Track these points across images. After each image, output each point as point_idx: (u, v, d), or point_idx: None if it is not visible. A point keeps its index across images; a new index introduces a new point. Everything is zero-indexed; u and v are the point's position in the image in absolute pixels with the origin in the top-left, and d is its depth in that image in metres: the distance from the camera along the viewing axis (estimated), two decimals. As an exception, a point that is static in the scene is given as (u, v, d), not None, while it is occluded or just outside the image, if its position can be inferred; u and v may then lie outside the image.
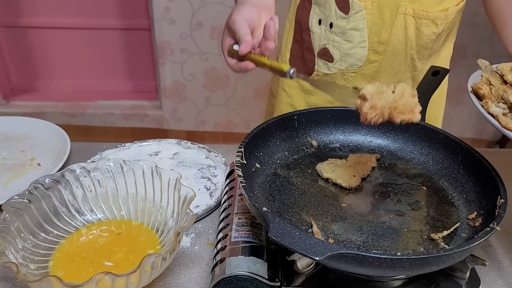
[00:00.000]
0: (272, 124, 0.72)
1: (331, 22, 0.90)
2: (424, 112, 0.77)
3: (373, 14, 0.87)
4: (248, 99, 2.42)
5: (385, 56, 0.91)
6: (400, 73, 0.94)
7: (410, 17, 0.86)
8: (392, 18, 0.87)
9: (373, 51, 0.90)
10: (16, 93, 2.52)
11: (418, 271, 0.51)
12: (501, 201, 0.57)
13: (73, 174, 0.66)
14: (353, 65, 0.93)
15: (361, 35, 0.89)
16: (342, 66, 0.93)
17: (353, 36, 0.89)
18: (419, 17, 0.86)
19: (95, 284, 0.49)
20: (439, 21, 0.87)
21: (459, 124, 2.36)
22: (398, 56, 0.91)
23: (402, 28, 0.87)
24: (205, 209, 0.74)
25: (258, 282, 0.55)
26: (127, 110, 2.47)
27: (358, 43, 0.90)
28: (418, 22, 0.87)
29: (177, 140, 0.91)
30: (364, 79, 0.94)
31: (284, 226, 0.48)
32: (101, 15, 2.35)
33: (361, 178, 0.69)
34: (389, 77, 0.94)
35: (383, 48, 0.90)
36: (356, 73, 0.94)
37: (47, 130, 0.93)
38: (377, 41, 0.89)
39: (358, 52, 0.91)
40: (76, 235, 0.65)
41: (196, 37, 2.24)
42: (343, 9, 0.88)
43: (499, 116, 0.60)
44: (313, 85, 0.96)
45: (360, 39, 0.89)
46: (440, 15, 0.87)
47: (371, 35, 0.89)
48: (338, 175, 0.68)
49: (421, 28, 0.87)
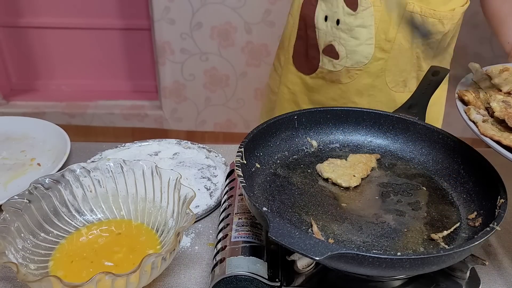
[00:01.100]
0: (272, 124, 0.72)
1: (338, 19, 0.89)
2: (424, 112, 0.77)
3: (381, 11, 0.86)
4: (248, 99, 2.43)
5: (391, 54, 0.91)
6: (405, 72, 0.94)
7: (417, 15, 0.86)
8: (399, 15, 0.86)
9: (379, 48, 0.90)
10: (16, 93, 2.52)
11: (418, 271, 0.51)
12: (501, 201, 0.57)
13: (73, 174, 0.66)
14: (359, 63, 0.92)
15: (368, 32, 0.88)
16: (348, 63, 0.93)
17: (360, 33, 0.89)
18: (426, 16, 0.86)
19: (95, 284, 0.49)
20: (446, 20, 0.87)
21: (459, 124, 2.35)
22: (404, 54, 0.91)
23: (409, 26, 0.87)
24: (205, 209, 0.74)
25: (258, 282, 0.55)
26: (127, 110, 2.47)
27: (365, 40, 0.89)
28: (425, 21, 0.87)
29: (177, 140, 0.91)
30: (369, 77, 0.94)
31: (284, 226, 0.48)
32: (101, 15, 2.35)
33: (361, 178, 0.69)
34: (394, 76, 0.94)
35: (389, 46, 0.89)
36: (361, 70, 0.93)
37: (47, 130, 0.93)
38: (384, 39, 0.89)
39: (365, 50, 0.90)
40: (76, 235, 0.65)
41: (196, 37, 2.25)
42: (351, 5, 0.87)
43: (478, 123, 0.61)
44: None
45: (367, 36, 0.89)
46: (447, 14, 0.87)
47: (378, 32, 0.88)
48: (338, 175, 0.68)
49: (427, 27, 0.87)
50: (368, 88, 0.96)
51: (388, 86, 0.95)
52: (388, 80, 0.94)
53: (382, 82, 0.94)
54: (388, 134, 0.77)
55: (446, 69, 0.80)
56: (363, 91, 0.96)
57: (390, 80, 0.94)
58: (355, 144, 0.77)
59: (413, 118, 0.75)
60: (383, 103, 0.97)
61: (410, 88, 0.96)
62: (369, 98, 0.97)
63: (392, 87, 0.95)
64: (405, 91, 0.96)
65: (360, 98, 0.97)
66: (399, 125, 0.76)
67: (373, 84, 0.95)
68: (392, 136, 0.77)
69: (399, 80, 0.95)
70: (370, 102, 0.97)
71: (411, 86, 0.96)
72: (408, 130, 0.75)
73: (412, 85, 0.96)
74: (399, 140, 0.76)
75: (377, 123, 0.77)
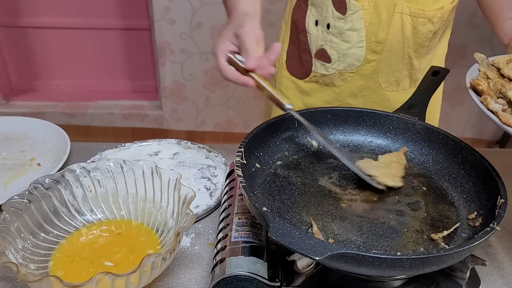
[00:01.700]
0: (272, 124, 0.72)
1: (328, 23, 0.90)
2: (424, 112, 0.77)
3: (370, 14, 0.87)
4: (248, 99, 2.42)
5: (383, 55, 0.91)
6: (397, 71, 0.94)
7: (406, 16, 0.86)
8: (389, 17, 0.87)
9: (370, 50, 0.91)
10: (16, 93, 2.52)
11: (418, 271, 0.51)
12: (501, 201, 0.57)
13: (73, 174, 0.66)
14: (351, 65, 0.93)
15: (358, 35, 0.89)
16: (340, 66, 0.93)
17: (350, 36, 0.89)
18: (415, 16, 0.86)
19: (95, 284, 0.49)
20: (435, 19, 0.88)
21: (459, 124, 2.36)
22: (395, 55, 0.91)
23: (399, 27, 0.87)
24: (205, 209, 0.74)
25: (258, 282, 0.55)
26: (127, 110, 2.47)
27: (355, 43, 0.90)
28: (414, 21, 0.87)
29: (177, 140, 0.91)
30: (362, 79, 0.94)
31: (284, 226, 0.48)
32: (101, 15, 2.35)
33: (401, 177, 0.68)
34: (387, 76, 0.94)
35: (380, 47, 0.90)
36: (354, 73, 0.94)
37: (47, 130, 0.93)
38: (375, 41, 0.89)
39: (356, 52, 0.91)
40: (76, 235, 0.65)
41: (196, 37, 2.24)
42: (340, 9, 0.88)
43: (499, 112, 0.60)
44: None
45: (358, 39, 0.89)
46: (436, 13, 0.87)
47: (369, 35, 0.89)
48: (382, 174, 0.67)
49: (417, 27, 0.88)
50: (362, 89, 0.96)
51: (381, 87, 0.95)
52: (381, 81, 0.95)
53: (375, 83, 0.95)
54: (388, 134, 0.77)
55: (446, 69, 0.80)
56: (357, 92, 0.97)
57: (383, 80, 0.95)
58: (355, 144, 0.77)
59: (413, 118, 0.75)
60: (377, 103, 0.97)
61: (403, 86, 0.97)
62: (363, 99, 0.97)
63: (385, 87, 0.96)
64: (399, 90, 0.97)
65: (354, 99, 0.98)
66: (399, 125, 0.76)
67: (367, 86, 0.96)
68: (392, 136, 0.77)
69: (392, 80, 0.95)
70: (365, 103, 0.97)
71: (404, 85, 0.97)
72: (408, 130, 0.75)
73: (405, 84, 0.97)
74: (399, 140, 0.76)
75: (377, 123, 0.77)
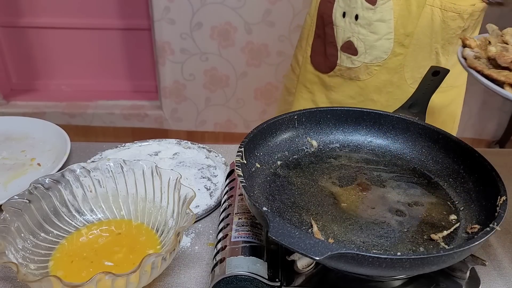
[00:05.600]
0: (272, 124, 0.72)
1: (356, 14, 0.89)
2: (424, 112, 0.77)
3: (401, 5, 0.86)
4: (248, 99, 2.43)
5: (410, 49, 0.90)
6: (424, 67, 0.93)
7: (437, 9, 0.86)
8: (419, 9, 0.86)
9: (398, 43, 0.90)
10: (16, 93, 2.52)
11: (418, 271, 0.51)
12: (501, 201, 0.57)
13: (73, 174, 0.66)
14: (378, 58, 0.92)
15: (387, 26, 0.88)
16: (367, 59, 0.92)
17: (379, 27, 0.89)
18: (446, 10, 0.86)
19: (95, 284, 0.49)
20: (466, 15, 0.87)
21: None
22: (423, 49, 0.91)
23: (428, 20, 0.87)
24: (205, 209, 0.74)
25: (258, 282, 0.55)
26: (127, 110, 2.47)
27: (384, 34, 0.89)
28: (444, 15, 0.86)
29: (177, 140, 0.91)
30: (388, 73, 0.93)
31: (284, 226, 0.48)
32: (101, 15, 2.35)
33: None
34: (413, 72, 0.94)
35: (408, 40, 0.89)
36: (380, 66, 0.93)
37: (47, 130, 0.93)
38: (403, 33, 0.89)
39: (384, 44, 0.90)
40: (76, 235, 0.65)
41: (196, 37, 2.25)
42: (370, 0, 0.87)
43: (468, 58, 0.61)
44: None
45: (387, 31, 0.89)
46: (467, 9, 0.87)
47: (397, 26, 0.88)
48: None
49: (447, 21, 0.87)
50: (387, 84, 0.95)
51: (407, 83, 0.94)
52: (407, 76, 0.94)
53: (401, 78, 0.94)
54: (388, 134, 0.77)
55: (446, 69, 0.80)
56: (382, 88, 0.96)
57: (408, 76, 0.94)
58: (355, 144, 0.77)
59: (413, 118, 0.75)
60: (400, 100, 0.96)
61: None
62: (387, 95, 0.96)
63: (411, 84, 0.95)
64: None
65: (378, 95, 0.97)
66: (399, 125, 0.76)
67: (392, 81, 0.95)
68: (392, 136, 0.77)
69: (418, 76, 0.94)
70: (389, 99, 0.96)
71: None
72: (408, 130, 0.75)
73: None
74: (399, 140, 0.76)
75: (377, 123, 0.77)
